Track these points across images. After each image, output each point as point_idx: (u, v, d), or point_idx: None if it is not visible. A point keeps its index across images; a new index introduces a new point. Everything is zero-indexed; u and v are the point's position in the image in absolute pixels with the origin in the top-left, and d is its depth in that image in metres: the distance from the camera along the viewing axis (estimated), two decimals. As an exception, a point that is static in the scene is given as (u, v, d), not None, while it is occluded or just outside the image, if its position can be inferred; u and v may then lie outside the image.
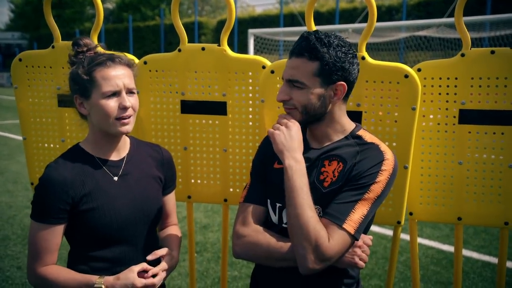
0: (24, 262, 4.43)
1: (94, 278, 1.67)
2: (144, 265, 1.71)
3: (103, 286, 1.64)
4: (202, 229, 5.49)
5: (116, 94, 1.69)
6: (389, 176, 1.62)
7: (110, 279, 1.66)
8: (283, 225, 1.71)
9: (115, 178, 1.78)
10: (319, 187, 1.66)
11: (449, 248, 4.89)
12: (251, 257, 1.74)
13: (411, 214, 2.17)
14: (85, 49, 1.75)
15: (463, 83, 2.00)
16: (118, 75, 1.69)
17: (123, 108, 1.69)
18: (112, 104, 1.67)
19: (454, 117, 2.04)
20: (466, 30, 1.98)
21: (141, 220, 1.81)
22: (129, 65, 1.76)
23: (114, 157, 1.81)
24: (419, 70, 2.03)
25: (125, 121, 1.70)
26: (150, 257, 1.76)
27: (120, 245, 1.77)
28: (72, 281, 1.68)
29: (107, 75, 1.67)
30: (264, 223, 1.76)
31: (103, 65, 1.69)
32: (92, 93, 1.68)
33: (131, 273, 1.66)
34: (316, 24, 2.06)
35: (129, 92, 1.72)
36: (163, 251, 1.80)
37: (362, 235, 1.66)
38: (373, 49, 18.23)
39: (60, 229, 1.71)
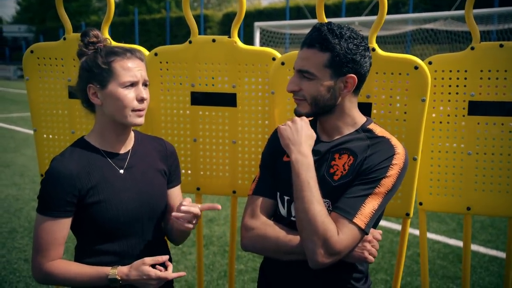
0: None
1: (106, 270, 1.65)
2: (157, 259, 1.68)
3: (117, 277, 1.63)
4: (208, 222, 5.50)
5: (133, 84, 1.70)
6: (399, 170, 1.61)
7: (124, 269, 1.65)
8: (292, 218, 1.70)
9: (121, 171, 1.77)
10: (329, 180, 1.65)
11: (456, 243, 4.89)
12: (259, 250, 1.74)
13: (420, 204, 2.18)
14: (94, 40, 1.75)
15: (472, 75, 2.02)
16: (136, 67, 1.71)
17: (140, 99, 1.70)
18: (130, 94, 1.68)
19: (464, 108, 2.05)
20: (475, 24, 2.00)
21: (148, 213, 1.80)
22: (143, 59, 1.77)
23: (120, 150, 1.80)
24: (430, 63, 2.04)
25: (141, 112, 1.71)
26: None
27: (127, 239, 1.76)
28: (83, 274, 1.66)
29: (126, 65, 1.69)
30: (273, 216, 1.76)
31: (122, 55, 1.70)
32: (109, 83, 1.68)
33: (144, 264, 1.64)
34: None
35: (144, 84, 1.74)
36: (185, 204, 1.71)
37: (372, 230, 1.64)
38: (379, 42, 17.88)
39: (66, 222, 1.69)
